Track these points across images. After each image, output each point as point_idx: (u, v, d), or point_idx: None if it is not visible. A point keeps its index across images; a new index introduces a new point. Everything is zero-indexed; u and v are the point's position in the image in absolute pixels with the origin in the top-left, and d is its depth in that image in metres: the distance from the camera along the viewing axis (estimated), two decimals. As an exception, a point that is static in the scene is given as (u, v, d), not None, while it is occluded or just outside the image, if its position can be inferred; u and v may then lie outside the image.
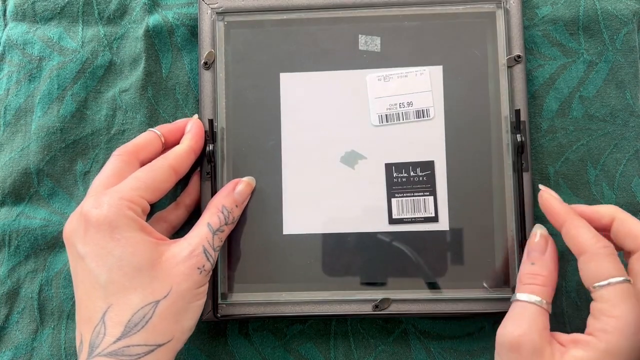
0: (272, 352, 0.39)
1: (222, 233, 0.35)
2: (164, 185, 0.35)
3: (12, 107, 0.41)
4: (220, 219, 0.35)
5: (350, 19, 0.39)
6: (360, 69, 0.39)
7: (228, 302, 0.38)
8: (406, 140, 0.38)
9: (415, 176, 0.38)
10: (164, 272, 0.32)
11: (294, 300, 0.38)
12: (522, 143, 0.37)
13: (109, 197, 0.32)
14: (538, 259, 0.33)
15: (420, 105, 0.38)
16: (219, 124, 0.39)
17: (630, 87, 0.40)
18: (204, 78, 0.39)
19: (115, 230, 0.32)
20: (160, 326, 0.31)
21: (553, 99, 0.40)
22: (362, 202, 0.38)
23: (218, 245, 0.35)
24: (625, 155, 0.39)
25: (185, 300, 0.32)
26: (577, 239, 0.31)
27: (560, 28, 0.40)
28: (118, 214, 0.32)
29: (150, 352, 0.31)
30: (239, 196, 0.37)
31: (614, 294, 0.29)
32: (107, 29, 0.42)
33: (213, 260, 0.34)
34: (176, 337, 0.32)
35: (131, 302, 0.31)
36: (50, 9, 0.42)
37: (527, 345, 0.30)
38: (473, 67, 0.38)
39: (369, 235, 0.38)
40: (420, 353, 0.39)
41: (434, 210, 0.38)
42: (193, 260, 0.33)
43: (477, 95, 0.38)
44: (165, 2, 0.42)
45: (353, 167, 0.38)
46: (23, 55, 0.42)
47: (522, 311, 0.31)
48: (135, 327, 0.31)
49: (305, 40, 0.39)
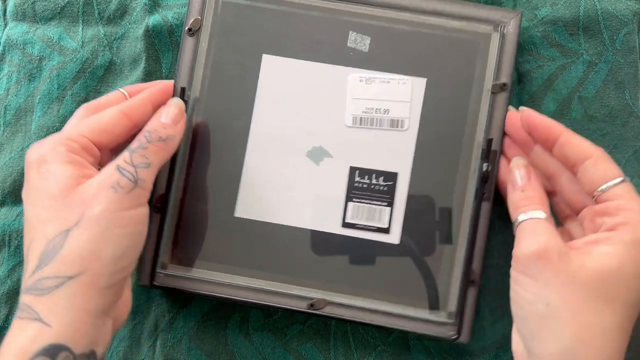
0: (272, 352, 0.39)
1: (145, 150, 0.32)
2: (113, 128, 0.33)
3: (12, 107, 0.41)
4: (141, 140, 0.33)
5: (344, 13, 0.38)
6: (344, 65, 0.38)
7: (166, 273, 0.38)
8: (375, 147, 0.38)
9: (376, 184, 0.38)
10: (77, 200, 0.30)
11: (232, 284, 0.37)
12: (488, 172, 0.36)
13: (48, 139, 0.32)
14: (527, 185, 0.34)
15: (396, 114, 0.38)
16: (193, 93, 0.38)
17: (629, 88, 0.40)
18: (185, 44, 0.38)
19: (43, 164, 0.31)
20: (70, 256, 0.29)
21: (551, 100, 0.40)
22: (320, 200, 0.38)
23: (141, 162, 0.31)
24: (624, 156, 0.39)
25: (102, 226, 0.29)
26: (581, 145, 0.33)
27: (560, 29, 0.40)
28: (49, 150, 0.31)
29: (62, 285, 0.29)
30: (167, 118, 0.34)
31: (627, 189, 0.31)
32: (107, 28, 0.41)
33: (133, 176, 0.31)
34: (90, 270, 0.29)
35: (46, 233, 0.29)
36: (51, 9, 0.41)
37: (553, 250, 0.30)
38: (456, 87, 0.38)
39: (319, 234, 0.38)
40: (420, 353, 0.39)
41: (388, 221, 0.38)
42: (104, 180, 0.30)
43: (455, 115, 0.38)
44: (166, 2, 0.41)
45: (317, 164, 0.38)
46: (23, 55, 0.41)
47: (534, 226, 0.32)
48: (47, 258, 0.29)
49: (295, 26, 0.38)
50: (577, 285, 0.29)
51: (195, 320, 0.39)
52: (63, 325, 0.28)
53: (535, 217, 0.32)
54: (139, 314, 0.39)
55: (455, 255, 0.37)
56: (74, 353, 0.28)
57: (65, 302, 0.29)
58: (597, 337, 0.29)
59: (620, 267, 0.29)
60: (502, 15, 0.38)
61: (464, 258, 0.37)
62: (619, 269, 0.29)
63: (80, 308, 0.29)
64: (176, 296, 0.39)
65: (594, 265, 0.30)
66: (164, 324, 0.39)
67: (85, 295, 0.29)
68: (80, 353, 0.29)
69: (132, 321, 0.39)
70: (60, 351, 0.28)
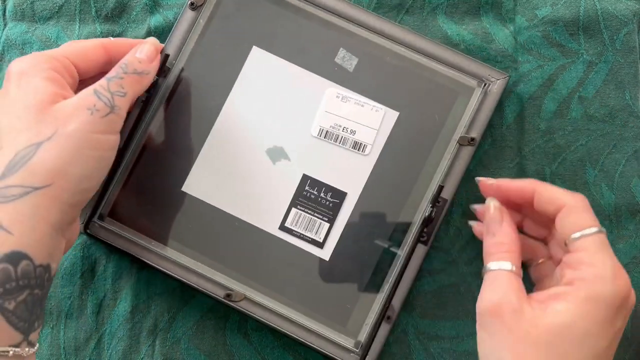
0: (271, 352, 0.39)
1: (121, 80, 0.33)
2: (91, 55, 0.34)
3: None
4: (117, 70, 0.33)
5: (341, 29, 0.39)
6: (325, 78, 0.39)
7: (102, 224, 0.38)
8: (333, 163, 0.38)
9: (324, 198, 0.38)
10: (52, 115, 0.30)
11: (159, 253, 0.38)
12: (432, 218, 0.37)
13: (32, 55, 0.32)
14: (498, 230, 0.34)
15: (361, 138, 0.38)
16: (179, 64, 0.39)
17: (629, 88, 0.40)
18: (184, 16, 0.39)
19: (23, 76, 0.31)
20: (39, 168, 0.29)
21: (551, 100, 0.40)
22: (265, 197, 0.38)
23: (118, 91, 0.32)
24: (624, 156, 0.40)
25: (74, 144, 0.30)
26: (555, 196, 0.33)
27: (560, 29, 0.40)
28: (31, 64, 0.32)
29: (26, 195, 0.29)
30: (143, 54, 0.35)
31: (592, 242, 0.31)
32: (104, 27, 0.41)
33: (110, 102, 0.32)
34: (57, 184, 0.29)
35: (17, 143, 0.29)
36: (49, 8, 0.41)
37: (506, 308, 0.30)
38: (426, 129, 0.38)
39: (255, 230, 0.38)
40: (420, 353, 0.39)
41: (324, 237, 0.38)
42: (80, 100, 0.31)
43: (416, 155, 0.38)
44: (166, 2, 0.41)
45: (274, 163, 0.39)
46: (22, 55, 0.41)
47: (495, 279, 0.32)
48: (14, 168, 0.29)
49: (291, 28, 0.39)
50: (529, 343, 0.29)
51: (194, 320, 0.39)
52: (25, 234, 0.28)
53: (501, 268, 0.32)
54: (138, 313, 0.39)
55: (379, 288, 0.38)
56: (34, 262, 0.28)
57: (28, 212, 0.29)
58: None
59: (571, 325, 0.29)
60: (490, 73, 0.38)
61: (387, 293, 0.37)
62: (570, 326, 0.29)
63: (42, 219, 0.29)
64: (109, 249, 0.40)
65: (547, 322, 0.30)
66: (163, 323, 0.39)
67: (48, 208, 0.29)
68: (39, 264, 0.29)
69: (131, 320, 0.39)
70: (21, 259, 0.28)
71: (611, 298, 0.29)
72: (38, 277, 0.29)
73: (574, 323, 0.29)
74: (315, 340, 0.37)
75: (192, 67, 0.39)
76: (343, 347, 0.37)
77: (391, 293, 0.37)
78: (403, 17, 0.40)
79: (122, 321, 0.39)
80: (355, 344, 0.37)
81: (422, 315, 0.39)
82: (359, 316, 0.38)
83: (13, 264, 0.28)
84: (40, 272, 0.29)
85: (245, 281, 0.38)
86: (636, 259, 0.39)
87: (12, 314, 0.28)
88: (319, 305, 0.38)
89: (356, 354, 0.37)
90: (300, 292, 0.38)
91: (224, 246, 0.38)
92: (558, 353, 0.29)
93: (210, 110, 0.39)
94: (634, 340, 0.39)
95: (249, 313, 0.37)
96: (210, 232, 0.38)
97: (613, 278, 0.30)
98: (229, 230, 0.38)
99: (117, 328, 0.39)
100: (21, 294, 0.28)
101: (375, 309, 0.37)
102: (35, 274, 0.28)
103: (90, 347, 0.39)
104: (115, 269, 0.40)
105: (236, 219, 0.38)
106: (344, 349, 0.37)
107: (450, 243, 0.39)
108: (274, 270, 0.38)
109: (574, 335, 0.29)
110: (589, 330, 0.29)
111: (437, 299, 0.39)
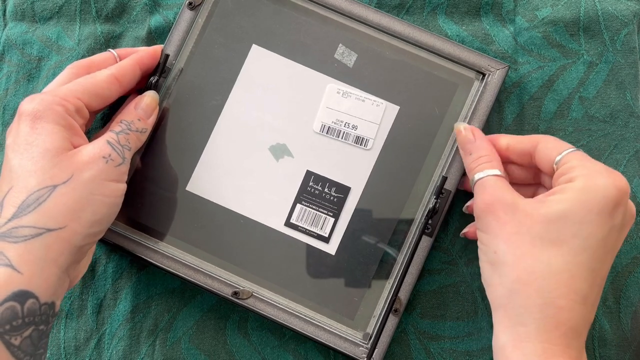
0: (271, 351, 0.39)
1: (127, 135, 0.34)
2: (104, 92, 0.35)
3: (10, 107, 0.42)
4: (122, 127, 0.35)
5: (339, 25, 0.39)
6: (326, 74, 0.39)
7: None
8: (336, 158, 0.39)
9: (328, 194, 0.38)
10: (68, 160, 0.31)
11: (164, 252, 0.38)
12: (436, 209, 0.37)
13: (44, 95, 0.33)
14: (473, 148, 0.35)
15: (363, 133, 0.39)
16: (178, 64, 0.39)
17: (630, 88, 0.40)
18: (183, 16, 0.39)
19: (38, 120, 0.32)
20: (53, 211, 0.30)
21: (551, 101, 0.40)
22: (270, 194, 0.39)
23: (126, 144, 0.34)
24: (625, 156, 0.40)
25: (88, 190, 0.31)
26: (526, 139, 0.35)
27: (560, 29, 0.40)
28: (46, 107, 0.32)
29: (38, 236, 0.30)
30: (142, 111, 0.36)
31: (577, 155, 0.32)
32: (104, 27, 0.41)
33: (121, 153, 0.33)
34: (70, 227, 0.31)
35: (29, 184, 0.30)
36: (49, 9, 0.42)
37: (499, 204, 0.31)
38: (427, 121, 0.39)
39: (261, 227, 0.38)
40: (420, 353, 0.39)
41: (329, 231, 0.38)
42: (97, 149, 0.32)
43: (418, 148, 0.38)
44: (166, 2, 0.41)
45: (277, 160, 0.39)
46: (22, 55, 0.42)
47: (484, 184, 0.33)
48: (27, 208, 0.30)
49: (290, 25, 0.39)
50: (524, 232, 0.30)
51: (195, 320, 0.40)
52: (34, 274, 0.29)
53: (487, 174, 0.33)
54: (138, 313, 0.40)
55: (385, 281, 0.38)
56: (39, 301, 0.30)
57: (39, 253, 0.30)
58: (538, 279, 0.30)
59: (567, 213, 0.30)
60: (489, 63, 0.39)
61: (393, 286, 0.37)
62: (566, 214, 0.30)
63: (52, 261, 0.30)
64: (110, 249, 0.40)
65: (542, 212, 0.30)
66: (163, 323, 0.39)
67: (59, 250, 0.30)
68: (44, 302, 0.30)
69: (131, 320, 0.39)
70: (28, 298, 0.29)
71: (607, 189, 0.30)
72: (43, 314, 0.30)
73: (569, 211, 0.30)
74: (324, 335, 0.37)
75: (192, 66, 0.39)
76: (352, 341, 0.37)
77: (398, 285, 0.37)
78: (403, 17, 0.41)
79: (122, 321, 0.39)
80: (363, 336, 0.37)
81: (422, 315, 0.39)
82: (367, 309, 0.38)
83: (20, 302, 0.29)
84: (45, 309, 0.30)
85: (252, 278, 0.38)
86: (636, 259, 0.39)
87: (17, 349, 0.29)
88: (326, 300, 0.38)
89: (365, 347, 0.37)
90: (307, 287, 0.38)
91: (230, 244, 0.38)
92: (552, 240, 0.30)
93: (212, 108, 0.39)
94: (634, 340, 0.39)
95: (257, 310, 0.37)
96: (215, 230, 0.38)
97: (608, 171, 0.31)
98: (234, 228, 0.38)
99: (117, 328, 0.39)
100: (27, 330, 0.29)
101: (382, 301, 0.38)
102: (40, 312, 0.30)
103: (91, 347, 0.39)
104: (116, 269, 0.40)
105: (241, 216, 0.38)
106: (353, 343, 0.37)
107: (450, 243, 0.40)
108: (281, 267, 0.38)
109: (569, 222, 0.30)
110: (584, 218, 0.30)
111: (437, 299, 0.39)
